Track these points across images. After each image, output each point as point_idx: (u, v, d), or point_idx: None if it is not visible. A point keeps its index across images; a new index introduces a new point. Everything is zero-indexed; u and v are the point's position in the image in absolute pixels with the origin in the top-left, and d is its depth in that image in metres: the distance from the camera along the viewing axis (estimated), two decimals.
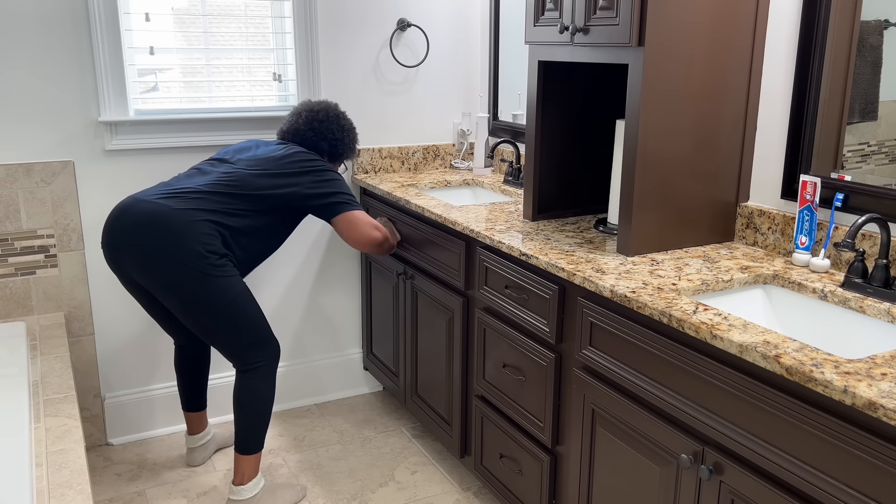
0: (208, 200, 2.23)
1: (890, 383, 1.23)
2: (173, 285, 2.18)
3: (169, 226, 2.16)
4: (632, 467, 1.75)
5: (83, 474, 1.68)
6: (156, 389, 2.96)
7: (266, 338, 2.34)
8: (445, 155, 3.31)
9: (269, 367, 2.37)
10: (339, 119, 2.54)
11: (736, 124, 2.05)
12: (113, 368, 2.88)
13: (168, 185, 2.29)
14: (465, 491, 2.62)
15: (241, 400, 2.36)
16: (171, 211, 2.18)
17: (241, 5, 2.84)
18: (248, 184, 2.28)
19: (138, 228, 2.18)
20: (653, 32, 1.85)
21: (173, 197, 2.23)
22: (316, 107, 2.54)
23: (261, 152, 2.39)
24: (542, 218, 2.39)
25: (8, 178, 2.57)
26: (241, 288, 2.26)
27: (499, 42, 3.14)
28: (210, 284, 2.18)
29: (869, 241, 1.78)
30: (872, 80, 1.78)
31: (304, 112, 2.52)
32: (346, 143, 2.56)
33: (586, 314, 1.84)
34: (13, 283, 2.64)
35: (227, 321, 2.25)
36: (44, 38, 2.54)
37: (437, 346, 2.61)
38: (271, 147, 2.43)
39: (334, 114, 2.54)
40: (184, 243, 2.15)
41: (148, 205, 2.20)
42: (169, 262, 2.16)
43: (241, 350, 2.31)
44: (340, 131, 2.53)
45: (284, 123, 2.54)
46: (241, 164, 2.35)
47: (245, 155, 2.40)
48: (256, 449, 2.40)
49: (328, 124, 2.50)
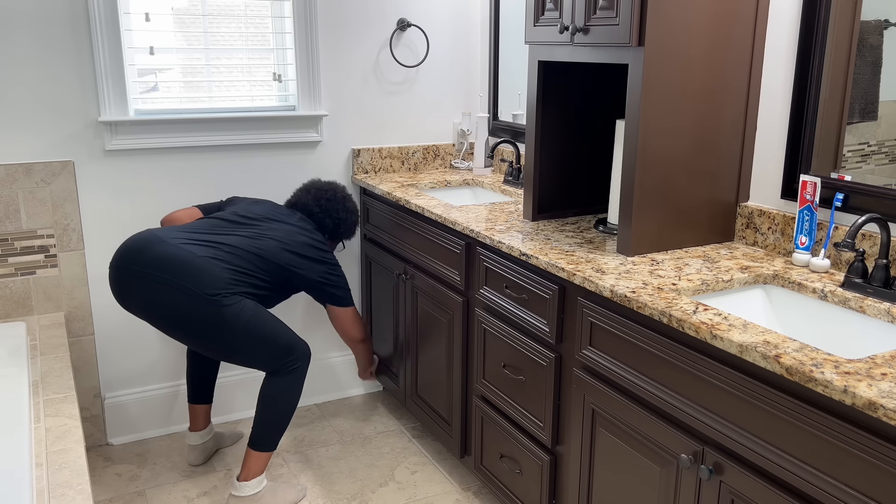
0: (236, 257, 2.30)
1: (890, 383, 1.23)
2: (182, 318, 2.22)
3: (188, 267, 2.21)
4: (632, 467, 1.75)
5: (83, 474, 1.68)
6: (156, 389, 2.96)
7: (292, 342, 2.38)
8: (445, 155, 3.31)
9: (303, 369, 2.42)
10: (345, 201, 2.69)
11: (736, 124, 2.05)
12: (113, 368, 2.88)
13: (195, 231, 2.33)
14: (465, 491, 2.62)
15: (266, 396, 2.38)
16: (195, 258, 2.23)
17: (241, 5, 2.84)
18: (274, 255, 2.36)
19: (159, 263, 2.21)
20: (653, 32, 1.85)
21: (201, 245, 2.28)
22: (325, 186, 2.69)
23: (284, 228, 2.46)
24: (542, 218, 2.39)
25: (8, 178, 2.57)
26: (252, 309, 2.29)
27: (499, 42, 3.14)
28: (221, 314, 2.21)
29: (869, 241, 1.78)
30: (872, 80, 1.78)
31: (312, 189, 2.67)
32: (349, 224, 2.71)
33: (586, 314, 1.84)
34: (13, 283, 2.64)
35: (246, 345, 2.29)
36: (44, 38, 2.54)
37: (437, 345, 2.61)
38: (291, 221, 2.51)
39: (341, 195, 2.69)
40: (201, 280, 2.20)
41: (172, 248, 2.23)
42: (180, 296, 2.19)
43: (269, 363, 2.35)
44: (345, 212, 2.68)
45: (293, 196, 2.68)
46: (268, 230, 2.42)
47: (269, 225, 2.45)
48: (269, 448, 2.41)
49: (335, 203, 2.65)
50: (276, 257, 2.36)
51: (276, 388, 2.37)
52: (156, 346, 2.93)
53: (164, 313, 2.23)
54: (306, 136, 3.00)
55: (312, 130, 3.01)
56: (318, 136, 3.03)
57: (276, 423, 2.40)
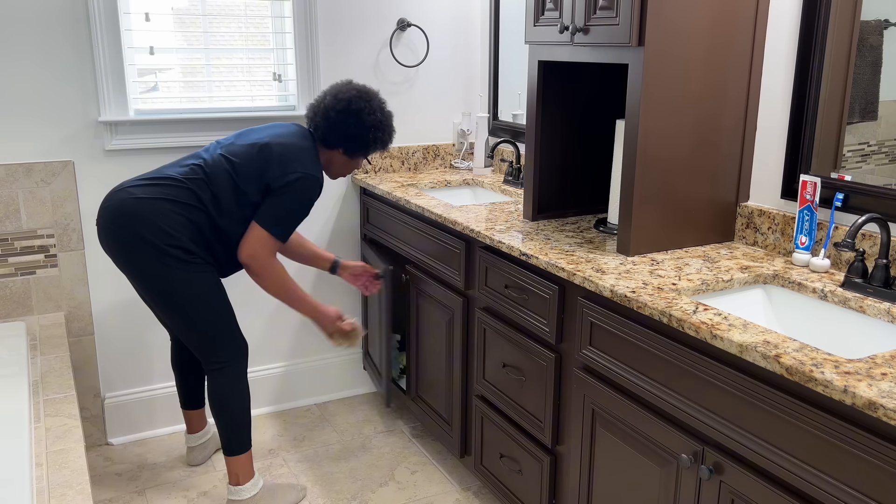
0: (178, 189, 2.19)
1: (890, 383, 1.24)
2: (135, 263, 2.19)
3: (133, 215, 2.17)
4: (632, 467, 1.75)
5: (83, 474, 1.68)
6: (156, 389, 2.96)
7: (230, 336, 2.31)
8: (445, 155, 3.31)
9: (237, 367, 2.34)
10: (361, 114, 2.31)
11: (736, 124, 2.05)
12: (113, 368, 2.88)
13: (148, 174, 2.28)
14: (465, 491, 2.62)
15: (213, 402, 2.34)
16: (134, 200, 2.18)
17: (241, 5, 2.84)
18: (220, 180, 2.22)
19: (112, 217, 2.20)
20: (653, 32, 1.85)
21: (147, 184, 2.21)
22: (342, 93, 2.33)
23: (254, 139, 2.27)
24: (542, 218, 2.39)
25: (8, 178, 2.57)
26: (207, 284, 2.23)
27: (499, 42, 3.14)
28: (171, 276, 2.18)
29: (869, 240, 1.78)
30: (872, 80, 1.78)
31: (328, 96, 2.35)
32: (364, 140, 2.35)
33: (586, 314, 1.84)
34: (13, 283, 2.64)
35: (185, 315, 2.24)
36: (44, 38, 2.54)
37: (437, 345, 2.61)
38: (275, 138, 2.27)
39: (356, 107, 2.30)
40: (146, 232, 2.15)
41: (120, 195, 2.21)
42: (133, 251, 2.17)
43: (202, 346, 2.29)
44: (358, 126, 2.31)
45: (310, 110, 2.38)
46: (227, 150, 2.26)
47: (241, 141, 2.29)
48: (241, 450, 2.37)
49: (346, 116, 2.30)
50: (230, 166, 2.21)
51: (220, 393, 2.33)
52: (156, 346, 2.93)
53: (121, 260, 2.22)
54: None
55: None
56: None
57: (235, 425, 2.36)
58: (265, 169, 2.22)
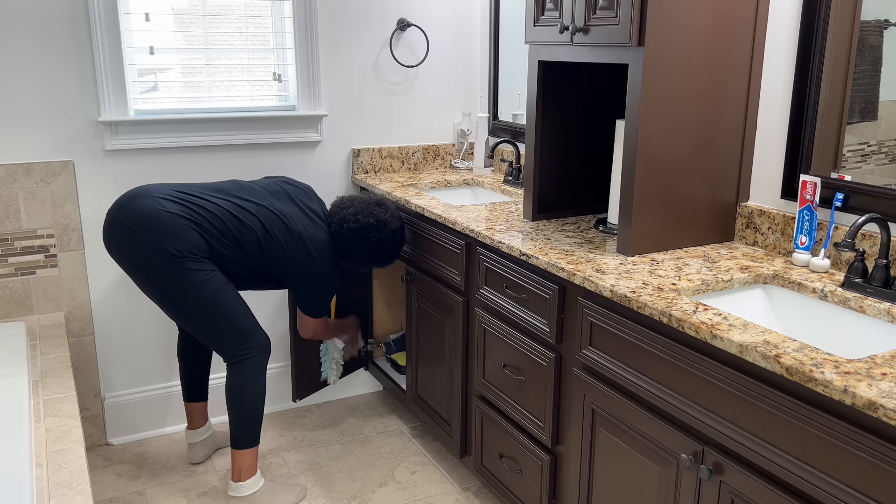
0: (212, 224, 2.28)
1: (890, 383, 1.24)
2: (149, 271, 2.24)
3: (157, 223, 2.23)
4: (632, 467, 1.75)
5: (83, 474, 1.68)
6: (156, 389, 2.96)
7: (251, 330, 2.35)
8: (445, 155, 3.31)
9: (261, 359, 2.37)
10: (366, 243, 2.43)
11: (736, 124, 2.05)
12: (113, 368, 2.88)
13: (183, 191, 2.33)
14: (465, 491, 2.62)
15: (230, 392, 2.37)
16: (167, 215, 2.24)
17: (241, 5, 2.84)
18: (260, 230, 2.32)
19: (136, 216, 2.24)
20: (653, 32, 1.85)
21: (180, 204, 2.28)
22: (365, 211, 2.45)
23: (292, 210, 2.39)
24: (542, 218, 2.39)
25: (8, 178, 2.57)
26: (221, 283, 2.28)
27: (499, 42, 3.14)
28: (183, 276, 2.22)
29: (869, 240, 1.78)
30: (872, 80, 1.78)
31: (351, 207, 2.45)
32: (366, 260, 2.50)
33: (586, 314, 1.84)
34: (13, 283, 2.64)
35: (204, 317, 2.28)
36: (44, 38, 2.54)
37: (437, 346, 2.61)
38: (304, 209, 2.43)
39: (376, 236, 2.44)
40: (169, 246, 2.22)
41: (150, 202, 2.26)
42: (146, 249, 2.22)
43: (223, 345, 2.33)
44: (364, 243, 2.44)
45: (334, 206, 2.48)
46: (267, 203, 2.37)
47: (272, 201, 2.40)
48: (248, 444, 2.39)
49: (360, 232, 2.42)
50: (263, 234, 2.32)
51: (237, 385, 2.36)
52: (155, 346, 2.93)
53: (134, 263, 2.25)
54: (306, 136, 3.00)
55: (312, 130, 3.01)
56: (318, 135, 3.03)
57: (247, 419, 2.38)
58: (294, 259, 2.36)
